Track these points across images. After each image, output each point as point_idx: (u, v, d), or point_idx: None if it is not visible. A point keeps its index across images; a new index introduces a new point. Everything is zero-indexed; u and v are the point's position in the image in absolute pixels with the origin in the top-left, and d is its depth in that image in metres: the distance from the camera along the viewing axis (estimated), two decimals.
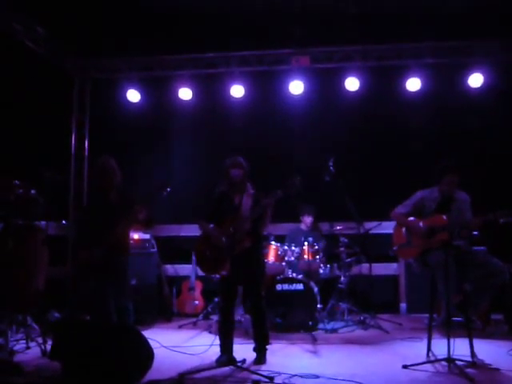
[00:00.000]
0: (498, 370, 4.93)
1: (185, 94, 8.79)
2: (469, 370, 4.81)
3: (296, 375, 4.84)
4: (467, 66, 8.23)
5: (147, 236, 8.15)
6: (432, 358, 5.22)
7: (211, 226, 5.52)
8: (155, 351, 4.82)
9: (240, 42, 8.43)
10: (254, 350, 5.49)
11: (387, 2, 7.78)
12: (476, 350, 5.08)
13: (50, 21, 7.81)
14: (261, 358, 5.40)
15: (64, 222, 7.89)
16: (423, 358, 5.24)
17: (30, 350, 5.92)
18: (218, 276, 5.60)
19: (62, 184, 7.61)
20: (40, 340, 5.82)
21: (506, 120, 8.24)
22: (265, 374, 4.82)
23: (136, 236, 7.95)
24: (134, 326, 5.02)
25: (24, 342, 6.00)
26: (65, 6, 7.47)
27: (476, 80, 8.18)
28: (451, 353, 4.83)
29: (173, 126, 9.34)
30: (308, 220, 8.07)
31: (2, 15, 7.17)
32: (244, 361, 5.27)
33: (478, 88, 8.22)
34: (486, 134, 8.28)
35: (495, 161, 8.20)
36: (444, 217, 5.79)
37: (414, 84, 8.31)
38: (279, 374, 4.87)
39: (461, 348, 4.95)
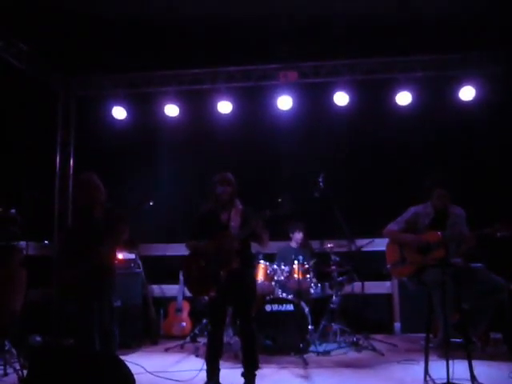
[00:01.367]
0: None
1: (171, 110, 8.65)
2: None
3: None
4: (458, 79, 8.13)
5: (132, 256, 7.91)
6: (430, 383, 5.00)
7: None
8: (139, 377, 4.60)
9: (226, 57, 8.31)
10: (243, 375, 5.20)
11: (374, 16, 7.67)
12: (476, 372, 4.84)
13: (33, 38, 7.67)
14: None
15: (46, 241, 7.65)
16: (421, 383, 5.01)
17: (7, 376, 5.63)
18: (206, 298, 5.33)
19: (43, 203, 7.38)
20: (17, 366, 5.54)
21: (497, 132, 8.07)
22: None
23: (120, 256, 7.71)
24: (113, 353, 4.76)
25: (1, 367, 5.70)
26: (49, 23, 7.33)
27: (467, 93, 8.06)
28: (450, 376, 4.58)
29: (159, 143, 9.15)
30: (299, 236, 7.88)
31: None
32: None
33: (470, 101, 8.09)
34: (478, 147, 8.14)
35: (488, 174, 8.03)
36: (439, 233, 5.60)
37: (404, 98, 8.19)
38: None
39: (460, 371, 4.71)
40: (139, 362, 5.95)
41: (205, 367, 5.19)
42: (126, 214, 5.16)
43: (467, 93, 8.07)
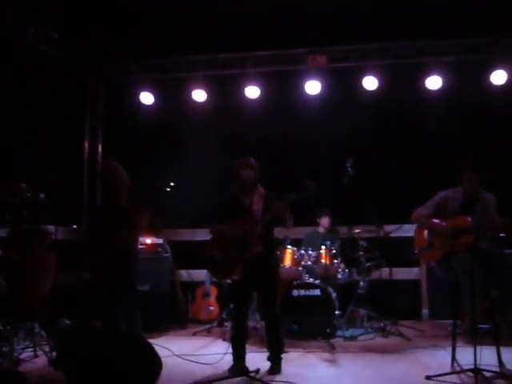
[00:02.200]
0: None
1: (199, 95, 8.64)
2: (497, 382, 4.52)
3: None
4: (489, 62, 7.97)
5: (160, 241, 7.93)
6: (457, 368, 4.94)
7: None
8: (167, 360, 4.64)
9: (255, 42, 8.25)
10: (269, 359, 5.22)
11: None
12: (504, 358, 4.77)
13: (62, 24, 7.72)
14: (275, 368, 5.12)
15: (75, 226, 7.70)
16: (448, 368, 4.95)
17: (37, 358, 5.71)
18: (229, 281, 5.34)
19: (72, 188, 7.45)
20: (47, 348, 5.62)
21: None
22: None
23: (148, 241, 7.75)
24: (140, 335, 4.80)
25: (32, 349, 5.80)
26: (76, 10, 7.37)
27: (499, 77, 7.91)
28: (478, 362, 4.49)
29: (187, 129, 9.17)
30: (325, 221, 7.87)
31: (15, 18, 7.08)
32: (258, 370, 5.02)
33: (502, 85, 7.93)
34: (510, 131, 7.96)
35: None
36: (468, 218, 5.50)
37: (434, 82, 8.08)
38: None
39: (488, 357, 4.62)
40: (167, 346, 5.95)
41: (230, 350, 5.20)
42: (147, 199, 5.15)
43: (499, 77, 7.91)
